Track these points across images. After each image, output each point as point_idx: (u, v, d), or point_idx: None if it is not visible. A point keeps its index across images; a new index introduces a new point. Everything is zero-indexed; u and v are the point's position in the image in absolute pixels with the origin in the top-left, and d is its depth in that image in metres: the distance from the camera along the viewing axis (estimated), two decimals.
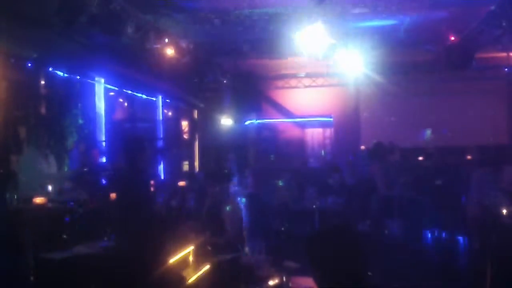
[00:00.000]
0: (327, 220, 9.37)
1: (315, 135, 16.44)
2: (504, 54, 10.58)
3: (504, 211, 7.57)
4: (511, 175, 9.87)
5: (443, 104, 15.15)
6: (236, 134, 15.26)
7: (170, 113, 14.46)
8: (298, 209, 10.34)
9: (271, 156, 15.73)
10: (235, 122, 15.32)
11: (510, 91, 15.54)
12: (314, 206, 10.08)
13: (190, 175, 12.20)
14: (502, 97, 15.57)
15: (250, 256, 5.77)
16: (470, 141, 14.40)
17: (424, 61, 13.09)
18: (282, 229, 10.06)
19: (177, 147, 14.51)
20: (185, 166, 14.71)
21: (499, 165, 10.67)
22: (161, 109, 13.47)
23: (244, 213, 8.03)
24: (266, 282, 4.93)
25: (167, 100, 13.82)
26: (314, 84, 15.66)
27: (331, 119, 15.97)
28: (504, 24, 7.64)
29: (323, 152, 16.29)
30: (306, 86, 15.75)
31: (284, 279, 4.83)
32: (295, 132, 16.39)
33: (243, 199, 9.72)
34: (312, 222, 9.68)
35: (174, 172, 13.27)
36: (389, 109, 15.39)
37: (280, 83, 16.01)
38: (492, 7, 8.23)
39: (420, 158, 14.02)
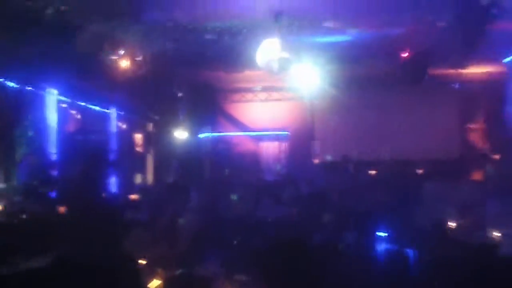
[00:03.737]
0: (282, 233, 9.36)
1: (270, 148, 16.50)
2: (455, 70, 10.89)
3: (454, 225, 7.73)
4: (462, 189, 10.13)
5: (396, 119, 15.43)
6: (191, 147, 15.18)
7: (124, 126, 14.27)
8: (253, 222, 10.29)
9: (226, 169, 15.68)
10: (190, 135, 15.24)
11: (461, 107, 15.98)
12: (269, 219, 10.07)
13: (143, 188, 12.04)
14: (453, 112, 15.98)
15: (203, 269, 5.72)
16: (422, 155, 14.72)
17: (378, 76, 13.34)
18: (236, 242, 10.00)
19: (130, 160, 14.30)
20: (138, 179, 14.52)
21: (451, 179, 10.94)
22: (115, 121, 13.28)
23: (198, 226, 7.96)
24: None
25: (121, 112, 13.64)
26: (270, 98, 15.74)
27: (287, 132, 16.07)
28: (455, 41, 7.87)
29: (278, 165, 16.35)
30: (262, 100, 15.82)
31: None
32: (250, 146, 16.41)
33: (197, 212, 9.63)
34: (266, 235, 9.65)
35: (127, 185, 13.07)
36: (344, 123, 15.57)
37: (236, 96, 16.03)
38: (445, 26, 8.46)
39: (373, 171, 14.25)
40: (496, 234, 6.58)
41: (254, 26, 8.93)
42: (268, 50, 9.04)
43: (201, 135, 15.94)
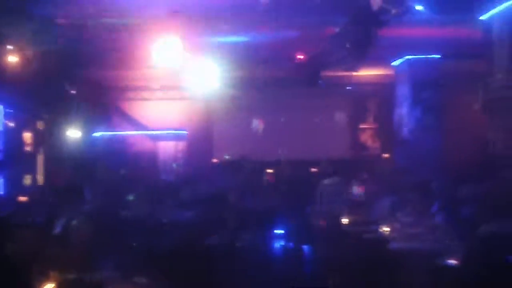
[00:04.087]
0: (180, 234, 9.28)
1: (168, 148, 16.32)
2: (347, 73, 11.31)
3: (347, 220, 8.00)
4: (355, 186, 10.52)
5: (292, 119, 15.80)
6: (85, 146, 14.69)
7: (12, 124, 13.55)
8: (150, 224, 10.11)
9: (121, 169, 15.31)
10: (84, 134, 14.74)
11: (353, 108, 16.63)
12: (166, 220, 9.93)
13: (33, 190, 11.51)
14: (346, 113, 16.60)
15: (99, 273, 5.55)
16: (318, 155, 15.14)
17: (275, 78, 13.58)
18: (134, 244, 9.78)
19: (19, 160, 13.62)
20: (28, 180, 13.84)
21: (344, 177, 11.34)
22: (3, 119, 12.59)
23: (93, 228, 7.71)
24: None
25: (10, 110, 12.95)
26: (167, 96, 15.56)
27: (185, 132, 15.96)
28: (348, 45, 8.15)
29: (175, 165, 16.21)
30: (159, 99, 15.61)
31: None
32: (147, 145, 16.15)
33: (92, 213, 9.32)
34: (164, 236, 9.53)
35: (16, 186, 12.45)
36: (242, 123, 15.72)
37: (132, 94, 15.72)
38: (337, 29, 8.76)
39: (271, 171, 14.48)
40: (386, 229, 6.88)
41: (151, 23, 8.79)
42: (165, 49, 8.94)
43: (96, 134, 15.47)
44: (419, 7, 6.85)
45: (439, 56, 12.52)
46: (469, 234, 5.75)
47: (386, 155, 15.86)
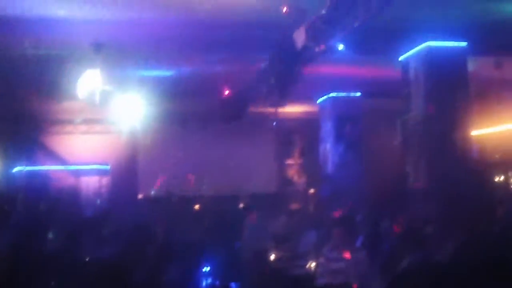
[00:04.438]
0: (102, 272, 8.98)
1: (91, 183, 15.89)
2: (272, 109, 11.46)
3: (273, 256, 8.00)
4: (281, 221, 10.59)
5: (218, 154, 15.79)
6: (3, 182, 14.10)
7: None
8: (70, 262, 9.76)
9: (41, 205, 14.76)
10: (2, 168, 14.16)
11: (278, 144, 16.83)
12: (87, 258, 9.60)
13: None
14: (271, 148, 16.78)
15: None
16: (244, 190, 15.18)
17: (201, 112, 13.58)
18: (53, 283, 9.38)
19: None
20: None
21: (269, 212, 11.38)
22: None
23: (7, 266, 7.35)
24: None
25: None
26: (90, 130, 15.23)
27: (108, 167, 15.62)
28: (272, 81, 8.29)
29: (98, 200, 15.79)
30: (82, 133, 15.25)
31: None
32: (69, 180, 15.66)
33: (7, 251, 8.89)
34: (85, 275, 9.20)
35: None
36: (166, 158, 15.55)
37: (54, 128, 15.29)
38: (262, 66, 8.90)
39: (196, 206, 14.36)
40: (312, 263, 6.93)
41: (75, 56, 8.63)
42: (89, 82, 8.78)
43: (15, 169, 14.89)
44: (341, 47, 7.07)
45: (359, 93, 12.96)
46: (390, 267, 5.88)
47: (312, 190, 16.08)
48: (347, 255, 6.44)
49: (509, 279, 5.10)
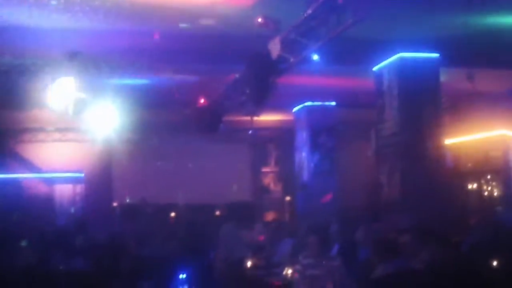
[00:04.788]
0: (76, 284, 8.88)
1: (64, 191, 15.70)
2: (248, 118, 11.47)
3: (249, 264, 8.00)
4: (257, 230, 10.60)
5: (193, 163, 15.79)
6: None
7: None
8: (43, 272, 9.62)
9: (14, 214, 14.53)
10: None
11: (254, 152, 16.86)
12: (60, 268, 9.48)
13: None
14: (247, 157, 16.81)
15: None
16: (218, 199, 15.17)
17: (176, 122, 13.52)
18: None
19: None
20: None
21: (244, 221, 11.37)
22: None
23: None
24: None
25: None
26: (64, 138, 15.07)
27: (82, 175, 15.46)
28: (247, 91, 8.30)
29: (72, 209, 15.61)
30: (55, 141, 15.08)
31: None
32: (42, 189, 15.46)
33: None
34: (58, 285, 9.08)
35: None
36: (142, 166, 15.47)
37: (26, 136, 15.08)
38: (237, 75, 8.92)
39: (172, 214, 14.30)
40: (288, 271, 6.95)
41: (47, 64, 8.55)
42: (62, 90, 8.69)
43: None
44: (315, 57, 7.11)
45: (334, 103, 13.05)
46: (364, 276, 5.93)
47: (288, 198, 16.13)
48: (322, 263, 6.49)
49: (481, 286, 5.19)
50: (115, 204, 15.64)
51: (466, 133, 12.50)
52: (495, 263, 6.41)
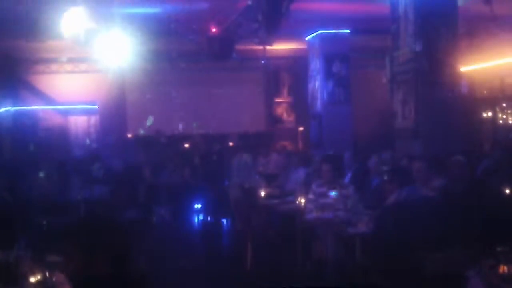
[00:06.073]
0: (93, 211, 9.11)
1: (79, 123, 15.85)
2: (261, 47, 11.33)
3: (262, 193, 8.11)
4: (273, 160, 10.68)
5: (206, 93, 15.77)
6: None
7: None
8: (62, 201, 9.86)
9: (30, 145, 14.74)
10: None
11: (267, 82, 16.77)
12: (78, 197, 9.70)
13: None
14: (260, 87, 16.73)
15: (6, 253, 5.37)
16: (232, 129, 15.25)
17: (188, 51, 13.40)
18: (44, 222, 9.50)
19: None
20: None
21: (257, 150, 11.46)
22: None
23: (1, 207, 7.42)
24: (27, 279, 4.61)
25: None
26: (77, 69, 15.06)
27: (96, 106, 15.54)
28: (260, 18, 8.14)
29: (88, 140, 15.79)
30: (68, 72, 15.07)
31: (47, 274, 4.56)
32: (57, 120, 15.61)
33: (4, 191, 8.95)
34: (77, 213, 9.32)
35: None
36: (155, 97, 15.49)
37: (40, 67, 15.10)
38: (249, 2, 8.73)
39: (186, 145, 14.43)
40: (301, 199, 7.04)
41: None
42: (73, 19, 8.61)
43: (2, 109, 14.77)
44: None
45: (348, 30, 12.82)
46: (378, 203, 6.01)
47: (301, 128, 16.17)
48: (335, 190, 6.57)
49: (492, 212, 5.24)
50: (129, 135, 15.77)
51: (481, 59, 12.30)
52: (507, 190, 6.43)
